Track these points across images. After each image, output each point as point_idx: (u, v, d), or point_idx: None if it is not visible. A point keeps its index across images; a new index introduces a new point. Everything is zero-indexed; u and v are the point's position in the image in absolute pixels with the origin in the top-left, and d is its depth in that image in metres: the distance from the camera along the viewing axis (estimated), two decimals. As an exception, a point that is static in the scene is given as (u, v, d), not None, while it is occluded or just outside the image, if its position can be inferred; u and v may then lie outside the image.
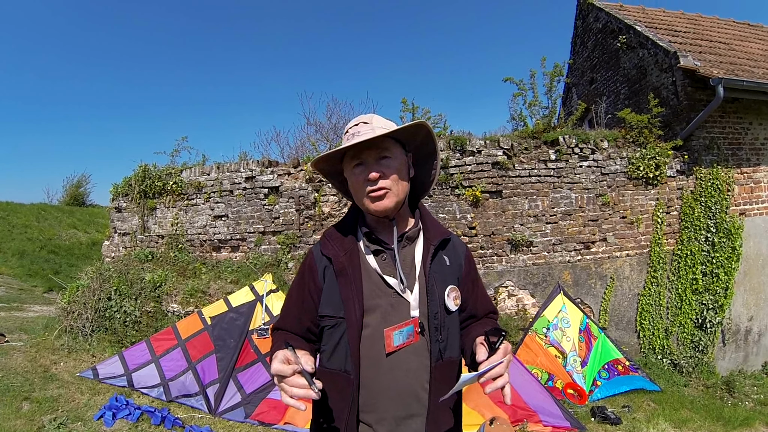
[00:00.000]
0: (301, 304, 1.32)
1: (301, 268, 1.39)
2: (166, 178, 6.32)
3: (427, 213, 1.41)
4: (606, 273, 5.51)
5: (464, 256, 1.40)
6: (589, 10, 8.06)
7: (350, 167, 1.27)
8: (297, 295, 1.35)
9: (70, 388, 4.12)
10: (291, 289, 1.40)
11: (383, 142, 1.23)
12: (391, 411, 1.20)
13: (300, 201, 5.62)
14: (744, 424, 4.26)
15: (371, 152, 1.23)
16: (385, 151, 1.24)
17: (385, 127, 1.25)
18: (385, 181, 1.22)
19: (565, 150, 5.46)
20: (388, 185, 1.23)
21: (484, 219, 5.32)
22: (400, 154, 1.28)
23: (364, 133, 1.22)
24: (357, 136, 1.23)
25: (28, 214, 12.75)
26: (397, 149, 1.27)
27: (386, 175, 1.22)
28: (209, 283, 5.40)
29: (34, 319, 6.03)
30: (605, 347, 4.95)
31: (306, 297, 1.32)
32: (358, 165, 1.25)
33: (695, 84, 5.63)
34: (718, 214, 5.66)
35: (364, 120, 1.28)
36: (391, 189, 1.23)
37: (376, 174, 1.21)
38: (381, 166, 1.23)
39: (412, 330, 1.22)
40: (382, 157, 1.24)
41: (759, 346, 5.96)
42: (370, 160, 1.23)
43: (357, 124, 1.27)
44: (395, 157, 1.25)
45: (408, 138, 1.30)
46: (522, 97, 6.11)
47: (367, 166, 1.23)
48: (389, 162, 1.24)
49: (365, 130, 1.24)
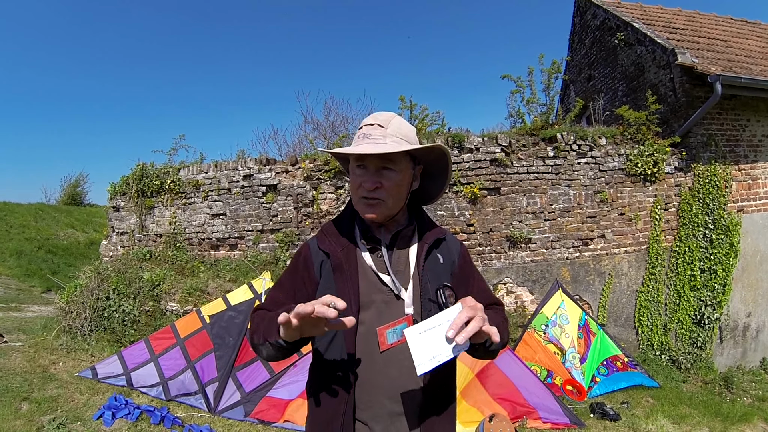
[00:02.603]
0: (293, 294, 1.30)
1: (294, 260, 1.36)
2: (163, 177, 6.30)
3: (423, 213, 1.41)
4: (604, 270, 5.52)
5: (458, 253, 1.39)
6: (587, 7, 8.06)
7: (353, 165, 1.26)
8: (289, 285, 1.33)
9: (69, 388, 4.11)
10: (281, 279, 1.37)
11: (390, 153, 1.21)
12: (386, 408, 1.20)
13: (298, 199, 5.61)
14: (742, 420, 4.28)
15: (375, 159, 1.21)
16: (389, 162, 1.22)
17: (399, 136, 1.22)
18: (380, 192, 1.21)
19: (563, 147, 5.46)
20: (383, 197, 1.22)
21: (483, 216, 5.32)
22: (405, 167, 1.25)
23: (375, 139, 1.20)
24: (367, 139, 1.21)
25: (25, 213, 12.71)
26: (404, 162, 1.25)
27: (383, 186, 1.21)
28: (208, 282, 5.39)
29: (33, 319, 6.02)
30: (604, 344, 4.96)
31: (299, 287, 1.30)
32: (360, 167, 1.24)
33: (693, 81, 5.63)
34: (716, 211, 5.67)
35: (380, 122, 1.23)
36: (385, 201, 1.22)
37: (372, 186, 1.20)
38: (381, 176, 1.21)
39: (406, 327, 1.21)
40: (384, 167, 1.22)
41: (757, 342, 5.98)
42: (372, 167, 1.22)
43: (372, 125, 1.24)
44: (399, 170, 1.23)
45: (421, 153, 1.29)
46: (520, 94, 6.11)
47: (368, 171, 1.22)
48: (390, 174, 1.22)
49: (377, 134, 1.21)
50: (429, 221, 1.39)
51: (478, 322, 1.04)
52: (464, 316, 1.04)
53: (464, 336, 1.02)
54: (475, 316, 1.05)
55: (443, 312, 1.08)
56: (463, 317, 1.04)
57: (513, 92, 6.15)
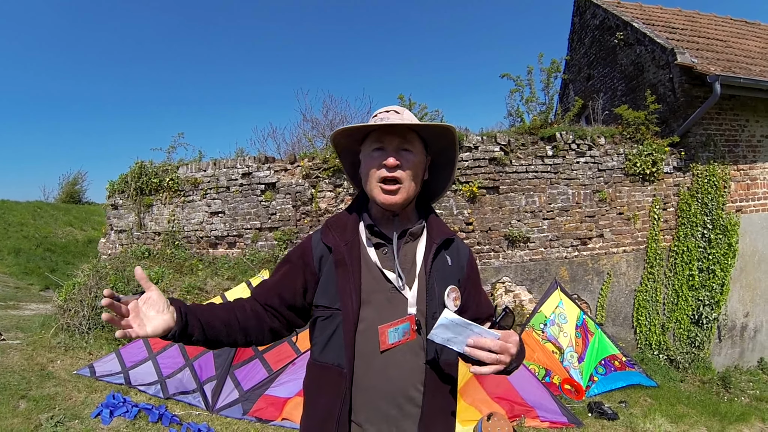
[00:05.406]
0: (278, 280, 1.30)
1: (290, 250, 1.36)
2: (162, 175, 6.29)
3: (432, 211, 1.39)
4: (603, 269, 5.52)
5: (467, 259, 1.37)
6: (586, 7, 8.05)
7: (369, 149, 1.25)
8: (276, 271, 1.34)
9: (67, 386, 4.10)
10: (276, 267, 1.37)
11: (408, 135, 1.22)
12: (383, 410, 1.16)
13: (297, 197, 5.60)
14: (740, 420, 4.28)
15: (395, 140, 1.21)
16: (408, 144, 1.22)
17: (415, 122, 1.25)
18: (401, 172, 1.20)
19: (562, 146, 5.46)
20: (403, 178, 1.21)
21: (481, 215, 5.32)
22: (420, 152, 1.26)
23: (394, 121, 1.21)
24: (386, 122, 1.21)
25: (24, 212, 12.67)
26: (420, 147, 1.26)
27: (403, 167, 1.21)
28: (206, 280, 5.38)
29: (31, 317, 6.00)
30: (602, 343, 4.96)
31: (288, 272, 1.29)
32: (378, 149, 1.22)
33: (692, 81, 5.63)
34: (715, 211, 5.67)
35: (396, 109, 1.26)
36: (404, 184, 1.21)
37: (395, 161, 1.19)
38: (401, 156, 1.21)
39: (408, 328, 1.18)
40: (404, 148, 1.22)
41: (755, 342, 6.00)
42: (392, 147, 1.21)
43: (388, 111, 1.26)
44: (416, 154, 1.24)
45: (432, 139, 1.29)
46: (519, 93, 6.12)
47: (386, 152, 1.21)
48: (409, 156, 1.22)
49: (395, 119, 1.23)
50: (438, 220, 1.37)
51: (491, 369, 1.06)
52: (491, 346, 1.06)
53: (474, 354, 1.05)
54: (498, 359, 1.06)
55: (485, 326, 1.09)
56: (489, 345, 1.05)
57: (512, 91, 6.16)
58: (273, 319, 1.28)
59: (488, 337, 1.06)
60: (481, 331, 1.06)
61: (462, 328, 1.06)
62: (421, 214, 1.35)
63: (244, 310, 1.25)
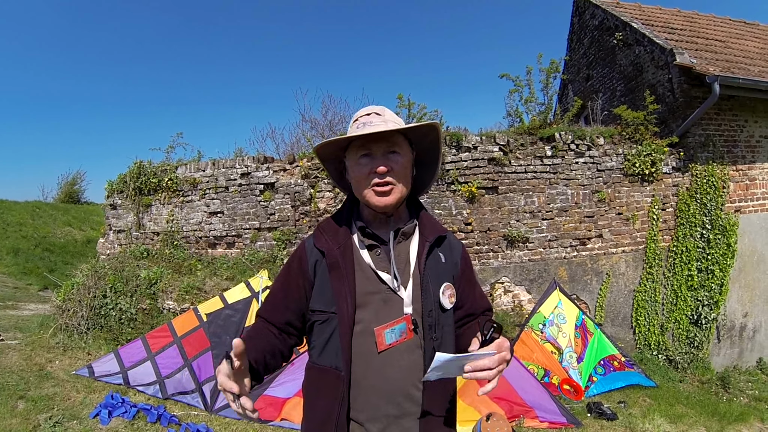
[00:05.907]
0: (284, 295, 1.30)
1: (289, 260, 1.36)
2: (161, 175, 6.28)
3: (423, 208, 1.39)
4: (602, 269, 5.52)
5: (460, 255, 1.37)
6: (585, 7, 8.06)
7: (355, 157, 1.24)
8: (281, 284, 1.33)
9: (66, 386, 4.10)
10: (277, 278, 1.37)
11: (393, 137, 1.22)
12: (383, 410, 1.17)
13: (295, 197, 5.60)
14: (739, 420, 4.29)
15: (381, 145, 1.21)
16: (394, 146, 1.22)
17: (396, 122, 1.24)
18: (392, 176, 1.20)
19: (561, 146, 5.46)
20: (394, 181, 1.21)
21: (480, 215, 5.32)
22: (407, 151, 1.26)
23: (377, 125, 1.20)
24: (369, 126, 1.20)
25: (22, 211, 12.65)
26: (406, 146, 1.26)
27: (393, 170, 1.21)
28: (205, 280, 5.37)
29: (29, 317, 5.99)
30: (601, 343, 4.96)
31: (291, 286, 1.30)
32: (365, 156, 1.22)
33: (691, 81, 5.64)
34: (714, 211, 5.68)
35: (376, 111, 1.26)
36: (396, 185, 1.21)
37: (385, 168, 1.19)
38: (389, 160, 1.21)
39: (405, 327, 1.19)
40: (391, 151, 1.22)
41: (753, 343, 6.00)
42: (379, 152, 1.21)
43: (369, 114, 1.25)
44: (403, 154, 1.24)
45: (417, 138, 1.29)
46: (518, 93, 6.12)
47: (374, 159, 1.21)
48: (397, 158, 1.22)
49: (378, 121, 1.22)
50: (428, 217, 1.37)
51: (491, 376, 1.05)
52: (489, 365, 1.05)
53: (470, 376, 1.04)
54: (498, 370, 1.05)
55: (477, 352, 1.08)
56: (488, 365, 1.04)
57: (511, 91, 6.16)
58: (291, 337, 1.32)
59: (484, 358, 1.05)
60: (475, 356, 1.06)
61: (456, 361, 1.05)
62: (411, 212, 1.35)
63: (274, 337, 1.29)
